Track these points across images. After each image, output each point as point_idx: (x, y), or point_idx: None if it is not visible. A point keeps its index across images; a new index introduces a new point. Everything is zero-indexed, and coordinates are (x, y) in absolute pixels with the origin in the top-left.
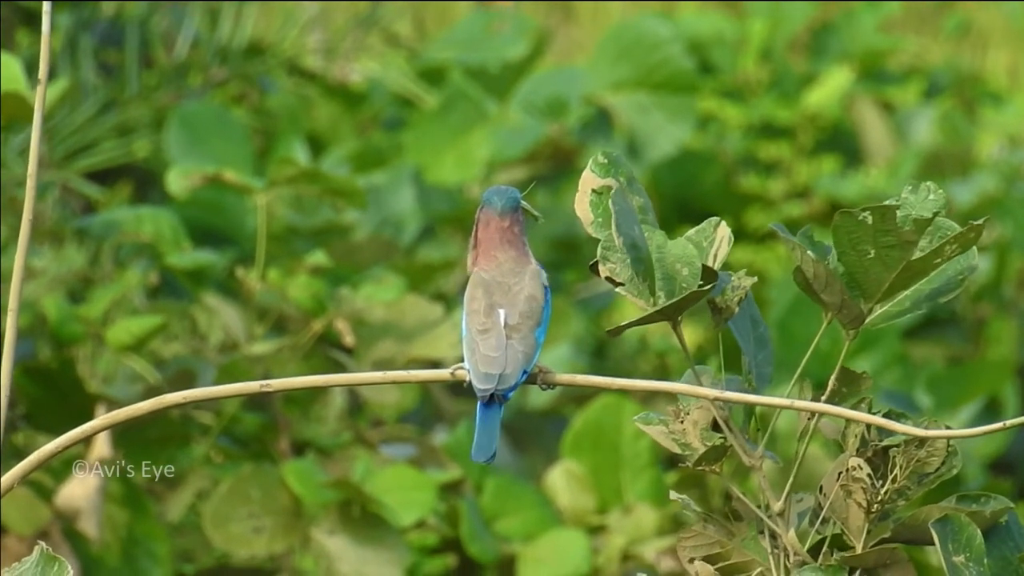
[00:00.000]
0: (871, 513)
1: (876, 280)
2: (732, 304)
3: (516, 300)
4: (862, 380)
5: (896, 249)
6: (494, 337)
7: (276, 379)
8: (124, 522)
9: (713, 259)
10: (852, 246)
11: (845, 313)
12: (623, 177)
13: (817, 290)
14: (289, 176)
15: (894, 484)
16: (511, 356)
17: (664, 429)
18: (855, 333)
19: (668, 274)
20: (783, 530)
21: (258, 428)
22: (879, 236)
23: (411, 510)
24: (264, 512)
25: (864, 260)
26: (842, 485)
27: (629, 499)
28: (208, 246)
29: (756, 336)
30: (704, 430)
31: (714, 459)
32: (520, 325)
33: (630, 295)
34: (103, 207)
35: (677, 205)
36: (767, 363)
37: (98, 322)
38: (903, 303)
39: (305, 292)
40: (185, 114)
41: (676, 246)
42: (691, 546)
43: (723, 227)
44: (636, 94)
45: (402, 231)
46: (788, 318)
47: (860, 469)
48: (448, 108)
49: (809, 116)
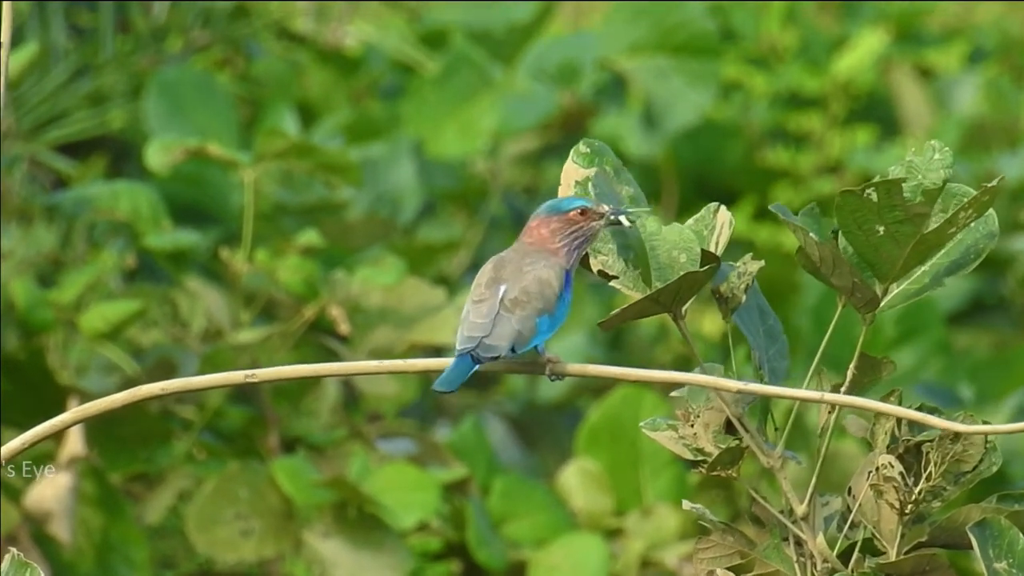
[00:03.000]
0: (904, 515)
1: (888, 258)
2: (738, 292)
3: (523, 278)
4: (883, 366)
5: (907, 224)
6: (486, 306)
7: (263, 368)
8: (99, 525)
9: (715, 245)
10: (858, 226)
11: (859, 296)
12: (609, 166)
13: (825, 274)
14: (279, 149)
15: (928, 483)
16: (501, 327)
17: (673, 434)
18: (872, 317)
19: (665, 262)
20: (809, 536)
21: (245, 423)
22: (886, 212)
23: (412, 511)
24: (252, 514)
25: (873, 239)
26: (872, 485)
27: (649, 500)
28: (190, 225)
29: (765, 328)
30: (717, 432)
31: (729, 463)
32: (522, 302)
33: (624, 288)
34: (75, 182)
35: (698, 182)
36: (781, 357)
37: (70, 308)
38: (921, 280)
39: (296, 275)
40: (164, 81)
41: (672, 232)
42: (709, 557)
43: (723, 212)
44: (654, 58)
45: (401, 209)
46: (822, 304)
47: (891, 467)
48: (450, 75)
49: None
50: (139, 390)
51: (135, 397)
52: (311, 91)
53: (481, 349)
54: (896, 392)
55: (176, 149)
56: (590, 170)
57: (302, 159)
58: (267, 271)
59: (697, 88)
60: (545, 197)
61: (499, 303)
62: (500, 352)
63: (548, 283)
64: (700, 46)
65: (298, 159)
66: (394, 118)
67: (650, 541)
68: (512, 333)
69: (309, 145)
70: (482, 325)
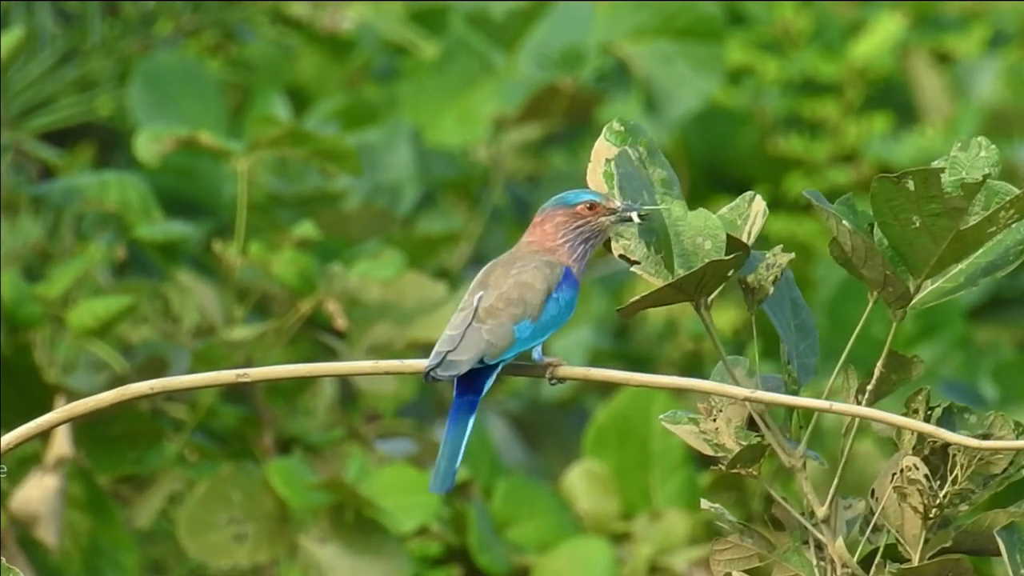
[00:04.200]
0: (929, 519)
1: (923, 253)
2: (766, 284)
3: (504, 283)
4: (913, 365)
5: (943, 217)
6: (461, 317)
7: (256, 367)
8: (87, 529)
9: (747, 236)
10: (894, 215)
11: (891, 291)
12: (643, 147)
13: (857, 265)
14: (272, 137)
15: (955, 486)
16: (468, 339)
17: (694, 428)
18: (903, 313)
19: (689, 249)
20: (830, 540)
21: (238, 423)
22: (923, 203)
23: (411, 515)
24: (245, 517)
25: (908, 231)
26: (896, 488)
27: (658, 503)
28: (181, 217)
29: (797, 323)
30: (739, 428)
31: (750, 460)
32: (497, 310)
33: (646, 274)
34: (62, 172)
35: (708, 172)
36: (811, 353)
37: (58, 303)
38: (956, 278)
39: (291, 269)
40: (149, 70)
41: (697, 217)
42: (726, 559)
43: (758, 201)
44: (657, 42)
45: (399, 199)
46: (838, 300)
47: (916, 470)
48: (449, 59)
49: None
50: (128, 389)
51: (124, 396)
52: (303, 75)
53: (441, 368)
54: (923, 391)
55: (166, 139)
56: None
57: (297, 147)
58: (261, 264)
59: (702, 73)
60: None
61: (473, 312)
62: (460, 369)
63: (530, 286)
64: (704, 30)
65: (293, 147)
66: (390, 102)
67: (659, 546)
68: (479, 345)
69: (304, 132)
70: (451, 338)
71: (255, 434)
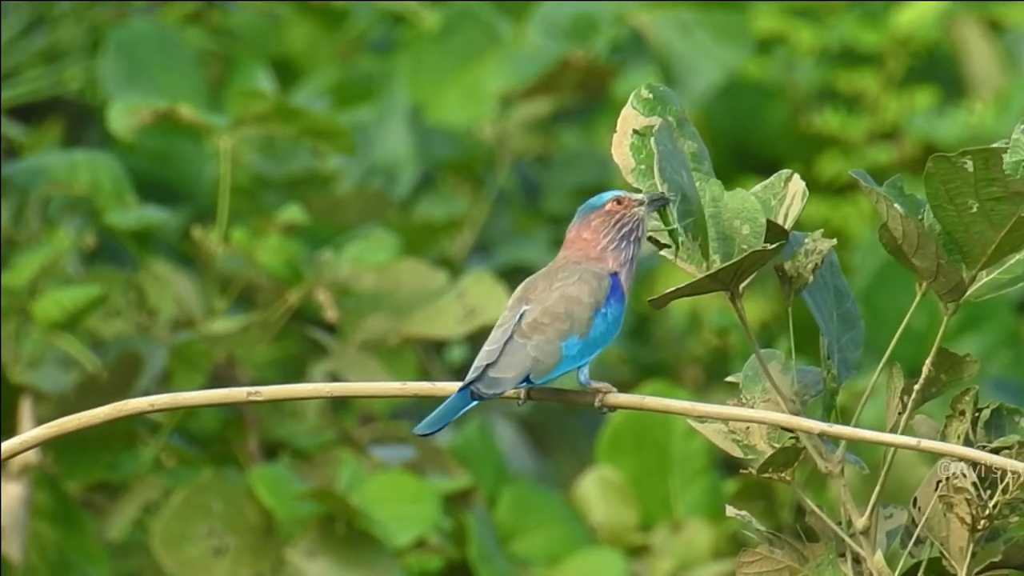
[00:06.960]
0: (977, 531)
1: (980, 240)
2: (805, 271)
3: (549, 296)
4: (965, 365)
5: (1004, 202)
6: (501, 331)
7: (269, 386)
8: (54, 541)
9: (784, 218)
10: (949, 199)
11: (942, 281)
12: (672, 116)
13: (908, 253)
14: (258, 113)
15: (1005, 496)
16: (511, 355)
17: (722, 428)
18: (955, 306)
19: (725, 233)
20: (868, 552)
21: (220, 425)
22: (982, 186)
23: (408, 527)
24: (227, 529)
25: (965, 216)
26: (941, 497)
27: (679, 513)
28: (157, 201)
29: (840, 313)
30: (772, 429)
31: (784, 464)
32: (542, 325)
33: (680, 261)
34: (28, 151)
35: (734, 150)
36: (854, 346)
37: (23, 294)
38: (1014, 269)
39: (277, 257)
40: (122, 39)
41: (735, 199)
42: (754, 572)
43: (796, 180)
44: (676, 10)
45: (396, 181)
46: (874, 288)
47: (964, 477)
48: (452, 30)
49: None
50: (126, 405)
51: (121, 413)
52: (291, 46)
53: (484, 384)
54: (971, 391)
55: (142, 111)
56: (652, 119)
57: (285, 124)
58: (245, 252)
59: (725, 44)
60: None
61: (514, 327)
62: (505, 387)
63: (577, 300)
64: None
65: (281, 124)
66: (386, 76)
67: (680, 560)
68: (525, 362)
69: (293, 108)
70: (490, 352)
71: (238, 437)
